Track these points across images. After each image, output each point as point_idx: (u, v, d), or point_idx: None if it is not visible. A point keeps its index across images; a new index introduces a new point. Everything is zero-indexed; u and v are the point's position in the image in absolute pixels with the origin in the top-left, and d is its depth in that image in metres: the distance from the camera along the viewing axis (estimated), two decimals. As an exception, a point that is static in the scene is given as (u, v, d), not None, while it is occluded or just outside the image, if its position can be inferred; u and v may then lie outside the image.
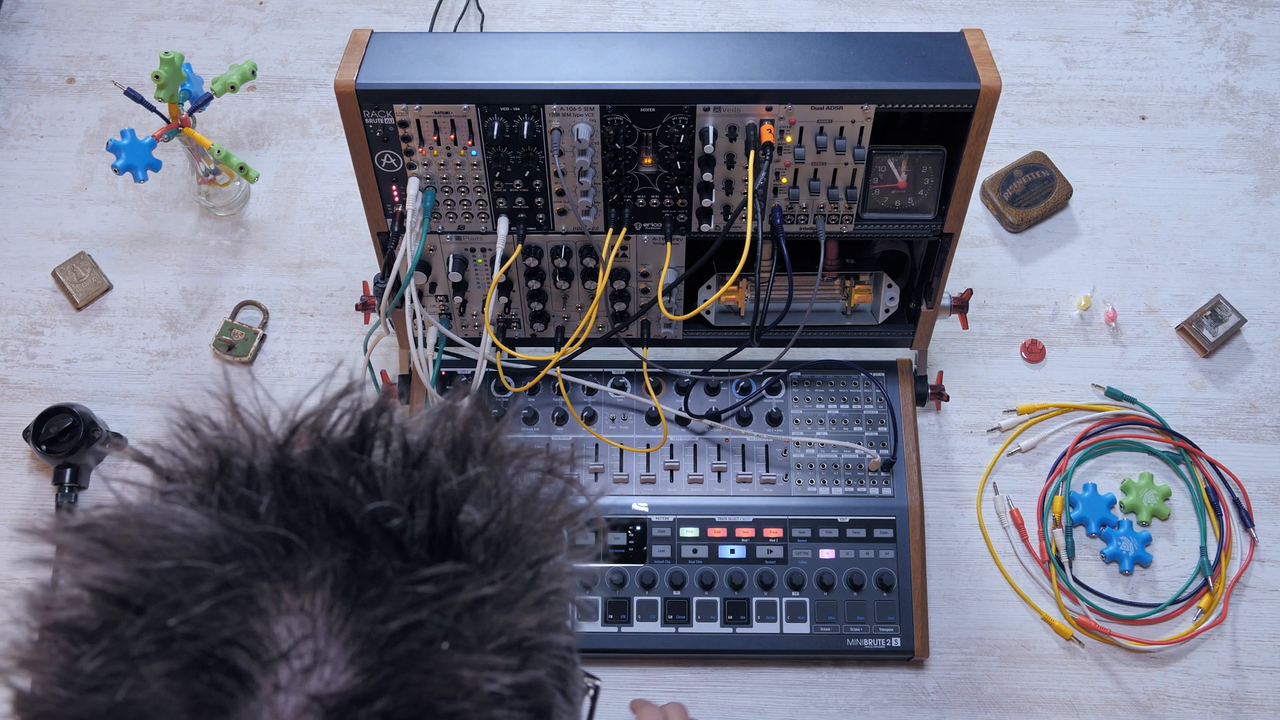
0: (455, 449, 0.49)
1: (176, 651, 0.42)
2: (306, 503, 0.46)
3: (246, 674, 0.42)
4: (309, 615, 0.43)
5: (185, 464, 0.48)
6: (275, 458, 0.47)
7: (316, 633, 0.43)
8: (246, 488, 0.46)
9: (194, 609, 0.42)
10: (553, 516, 0.51)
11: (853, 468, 1.14)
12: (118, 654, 0.42)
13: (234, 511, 0.45)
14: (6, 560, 1.15)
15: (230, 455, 0.47)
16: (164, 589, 0.43)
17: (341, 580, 0.44)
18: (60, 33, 1.45)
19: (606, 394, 1.16)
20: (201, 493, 0.47)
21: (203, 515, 0.45)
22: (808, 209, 1.01)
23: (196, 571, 0.43)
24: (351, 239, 1.31)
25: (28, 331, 1.26)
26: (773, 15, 1.47)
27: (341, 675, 0.42)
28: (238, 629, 0.42)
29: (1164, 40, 1.44)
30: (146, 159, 1.19)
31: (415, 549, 0.45)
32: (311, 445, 0.48)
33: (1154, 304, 1.27)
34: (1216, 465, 1.18)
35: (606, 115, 0.95)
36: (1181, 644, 1.10)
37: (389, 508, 0.46)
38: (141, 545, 0.45)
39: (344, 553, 0.45)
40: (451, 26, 1.45)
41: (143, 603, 0.43)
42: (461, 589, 0.45)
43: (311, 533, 0.45)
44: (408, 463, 0.48)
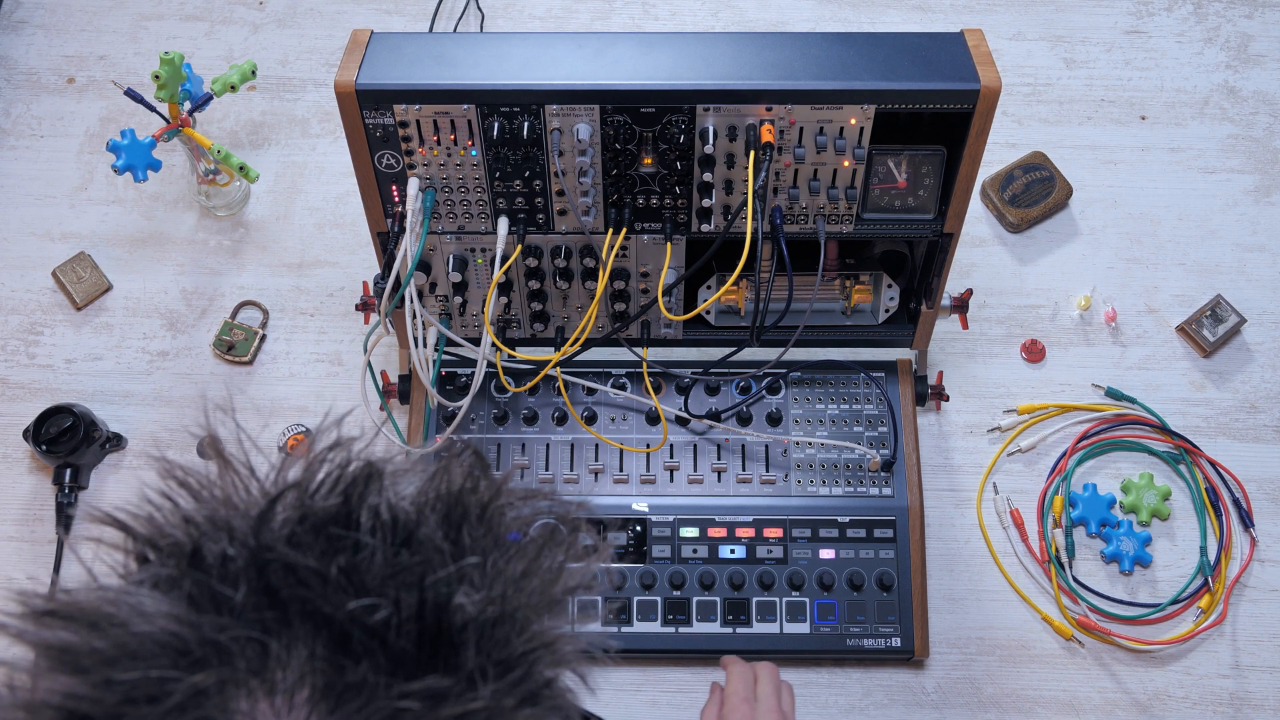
0: (449, 515, 0.47)
1: None
2: (284, 600, 0.43)
3: None
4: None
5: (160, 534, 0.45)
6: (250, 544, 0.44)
7: None
8: (221, 580, 0.43)
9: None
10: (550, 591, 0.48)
11: (853, 468, 1.14)
12: None
13: (207, 607, 0.42)
14: (7, 560, 1.15)
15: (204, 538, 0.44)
16: (126, 709, 0.40)
17: (320, 688, 0.41)
18: (60, 33, 1.45)
19: (606, 394, 1.16)
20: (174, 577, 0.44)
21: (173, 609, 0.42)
22: (808, 209, 1.02)
23: (163, 684, 0.40)
24: (351, 239, 1.31)
25: (28, 331, 1.26)
26: (773, 15, 1.47)
27: None
28: None
29: (1164, 40, 1.44)
30: (146, 159, 1.19)
31: (402, 644, 0.43)
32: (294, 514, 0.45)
33: (1154, 304, 1.27)
34: (1216, 465, 1.18)
35: (606, 115, 0.95)
36: (1181, 644, 1.10)
37: (372, 604, 0.43)
38: (105, 649, 0.41)
39: (323, 658, 0.42)
40: (451, 26, 1.45)
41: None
42: (445, 702, 0.42)
43: (289, 633, 0.42)
44: (396, 539, 0.45)
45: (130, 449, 1.20)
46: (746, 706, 0.93)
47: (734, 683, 0.96)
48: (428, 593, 0.44)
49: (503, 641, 0.45)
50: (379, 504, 0.46)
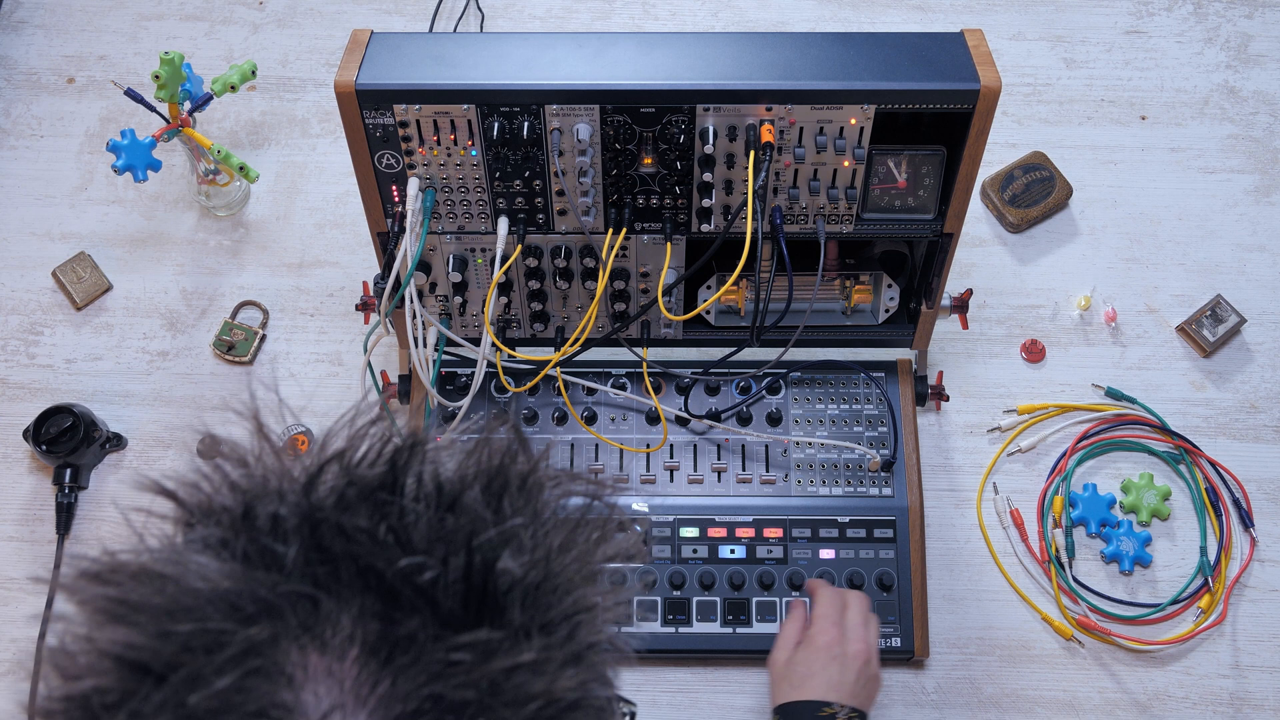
0: (490, 485, 0.47)
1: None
2: (335, 556, 0.43)
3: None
4: (337, 680, 0.41)
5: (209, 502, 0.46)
6: (302, 505, 0.45)
7: (345, 701, 0.41)
8: (272, 538, 0.44)
9: (216, 683, 0.40)
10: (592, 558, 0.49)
11: (853, 468, 1.14)
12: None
13: (258, 565, 0.43)
14: (7, 560, 1.15)
15: (255, 499, 0.45)
16: (184, 656, 0.41)
17: (371, 643, 0.42)
18: (60, 33, 1.45)
19: (606, 394, 1.16)
20: (225, 539, 0.44)
21: (225, 567, 0.43)
22: (808, 209, 1.01)
23: (219, 635, 0.41)
24: (351, 239, 1.31)
25: (28, 331, 1.26)
26: (773, 15, 1.47)
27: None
28: (264, 700, 0.40)
29: (1164, 40, 1.44)
30: (146, 159, 1.19)
31: (448, 603, 0.43)
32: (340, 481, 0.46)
33: (1154, 304, 1.27)
34: (1216, 465, 1.18)
35: (606, 115, 0.95)
36: (1181, 644, 1.10)
37: (421, 563, 0.43)
38: (160, 603, 0.42)
39: (374, 614, 0.42)
40: (451, 26, 1.45)
41: (162, 670, 0.41)
42: (494, 656, 0.43)
43: (340, 589, 0.43)
44: (441, 504, 0.46)
45: (130, 449, 1.20)
46: (836, 630, 0.91)
47: (823, 605, 0.94)
48: (475, 554, 0.44)
49: (546, 604, 0.45)
50: (423, 472, 0.47)
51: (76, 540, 1.16)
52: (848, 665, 0.91)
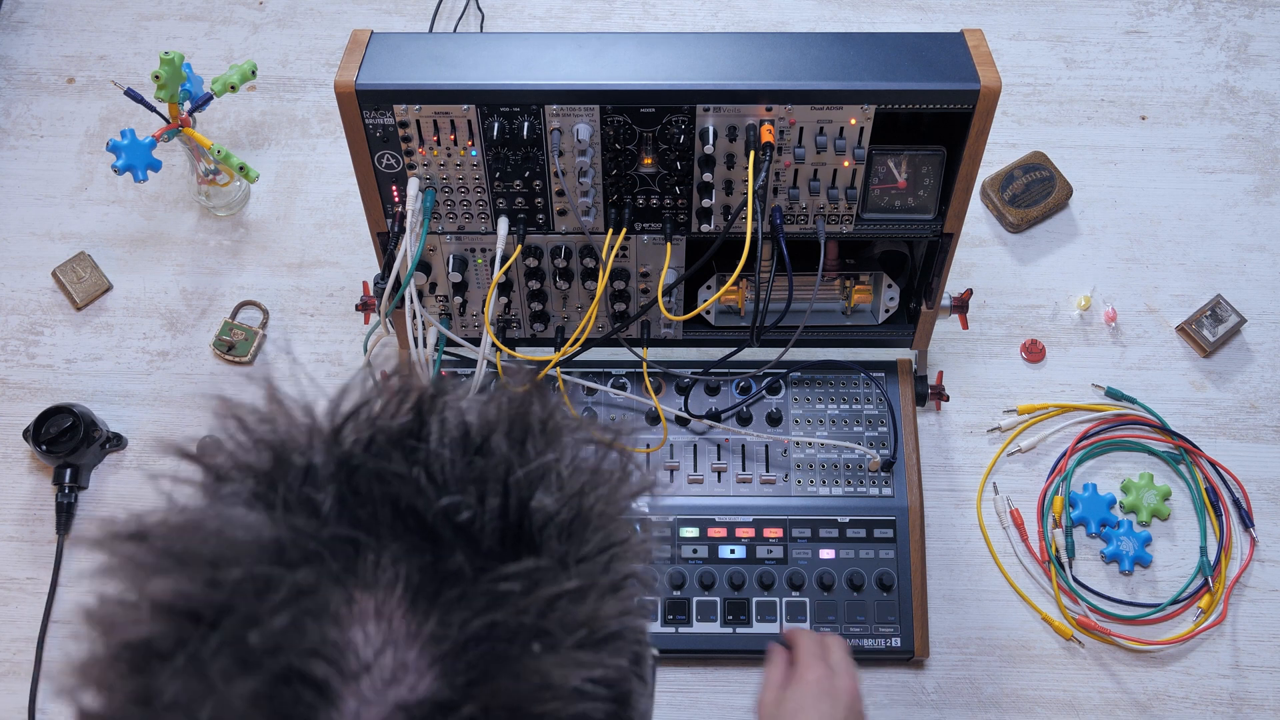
0: (513, 430, 0.48)
1: (257, 668, 0.40)
2: (372, 500, 0.44)
3: (328, 685, 0.40)
4: (386, 620, 0.41)
5: (236, 461, 0.46)
6: (334, 452, 0.45)
7: (396, 638, 0.41)
8: (308, 486, 0.44)
9: (272, 622, 0.40)
10: (619, 495, 0.49)
11: (853, 468, 1.14)
12: (196, 672, 0.40)
13: (297, 513, 0.43)
14: (7, 560, 1.15)
15: (286, 451, 0.45)
16: (236, 600, 0.41)
17: (417, 580, 0.42)
18: (60, 33, 1.45)
19: (606, 394, 1.16)
20: (259, 492, 0.44)
21: (265, 517, 0.43)
22: (808, 209, 1.01)
23: (268, 580, 0.41)
24: (351, 239, 1.31)
25: (28, 331, 1.26)
26: (773, 15, 1.47)
27: (424, 681, 0.41)
28: (317, 638, 0.41)
29: (1164, 40, 1.44)
30: (146, 159, 1.19)
31: (488, 541, 0.44)
32: (366, 433, 0.46)
33: (1154, 304, 1.27)
34: (1216, 465, 1.18)
35: (606, 115, 0.95)
36: (1181, 644, 1.10)
37: (459, 501, 0.44)
38: (205, 553, 0.42)
39: (416, 551, 0.43)
40: (451, 26, 1.45)
41: (216, 617, 0.41)
42: (540, 585, 0.43)
43: (380, 531, 0.43)
44: (468, 449, 0.46)
45: (130, 449, 1.20)
46: (823, 666, 0.90)
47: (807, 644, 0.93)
48: (510, 492, 0.45)
49: (581, 538, 0.46)
50: (446, 418, 0.47)
51: (75, 541, 1.16)
52: (838, 700, 0.90)
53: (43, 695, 1.09)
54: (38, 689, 1.09)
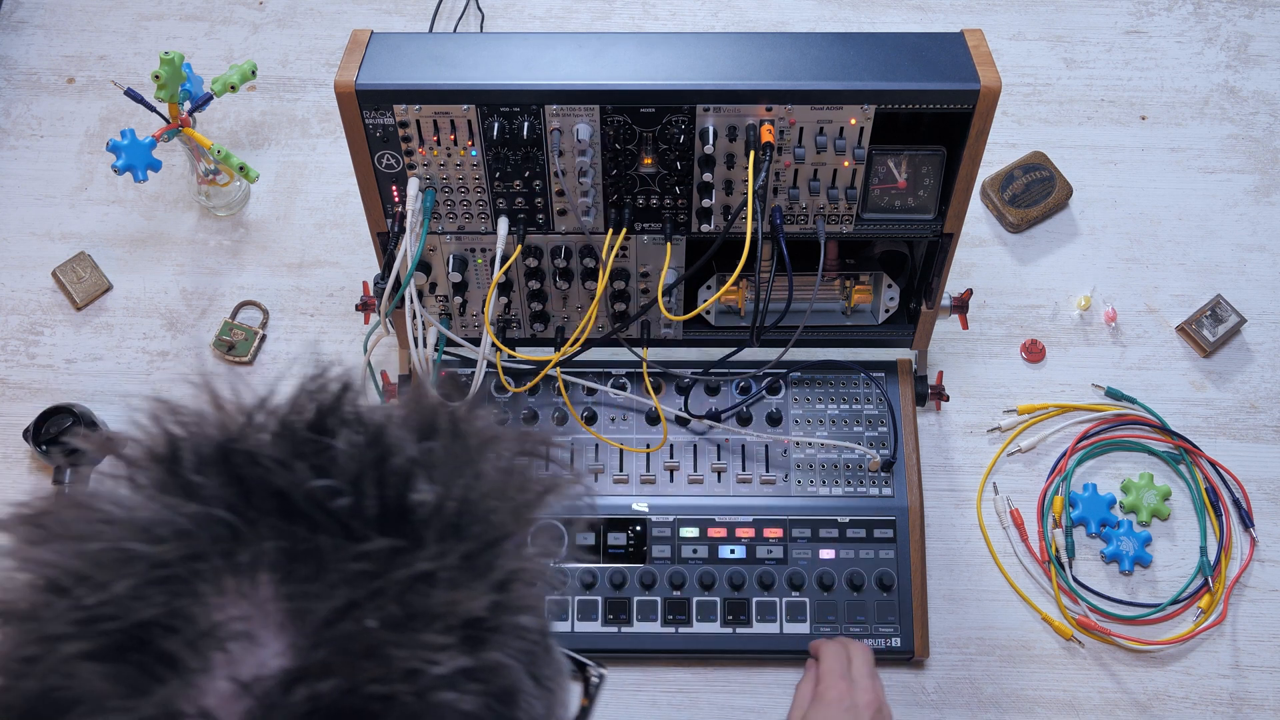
0: (420, 427, 0.48)
1: (94, 633, 0.41)
2: (248, 483, 0.44)
3: (174, 656, 0.41)
4: (246, 598, 0.42)
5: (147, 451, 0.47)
6: (219, 438, 0.46)
7: (251, 615, 0.42)
8: (194, 473, 0.45)
9: (117, 588, 0.41)
10: (521, 495, 0.49)
11: (853, 468, 1.13)
12: (38, 636, 0.42)
13: (174, 494, 0.44)
14: (6, 560, 1.15)
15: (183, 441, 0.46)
16: (92, 570, 0.42)
17: (281, 562, 0.43)
18: (60, 33, 1.45)
19: (606, 394, 1.16)
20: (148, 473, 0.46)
21: (142, 498, 0.45)
22: (808, 209, 1.02)
23: (128, 553, 0.42)
24: (351, 239, 1.31)
25: (28, 331, 1.26)
26: (773, 15, 1.47)
27: (275, 659, 0.41)
28: (163, 609, 0.41)
29: (1164, 40, 1.44)
30: (146, 159, 1.19)
31: (362, 530, 0.44)
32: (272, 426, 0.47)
33: (1154, 304, 1.27)
34: (1216, 465, 1.18)
35: (606, 115, 0.95)
36: (1181, 644, 1.10)
37: (333, 486, 0.44)
38: (78, 529, 0.44)
39: (286, 534, 0.43)
40: (451, 26, 1.45)
41: (70, 585, 0.42)
42: (395, 566, 0.43)
43: (251, 514, 0.44)
44: (366, 443, 0.46)
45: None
46: (844, 683, 0.94)
47: (828, 660, 0.97)
48: (388, 480, 0.45)
49: (462, 533, 0.46)
50: (350, 412, 0.48)
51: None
52: (860, 715, 0.93)
53: None
54: None
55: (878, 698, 0.95)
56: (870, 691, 0.94)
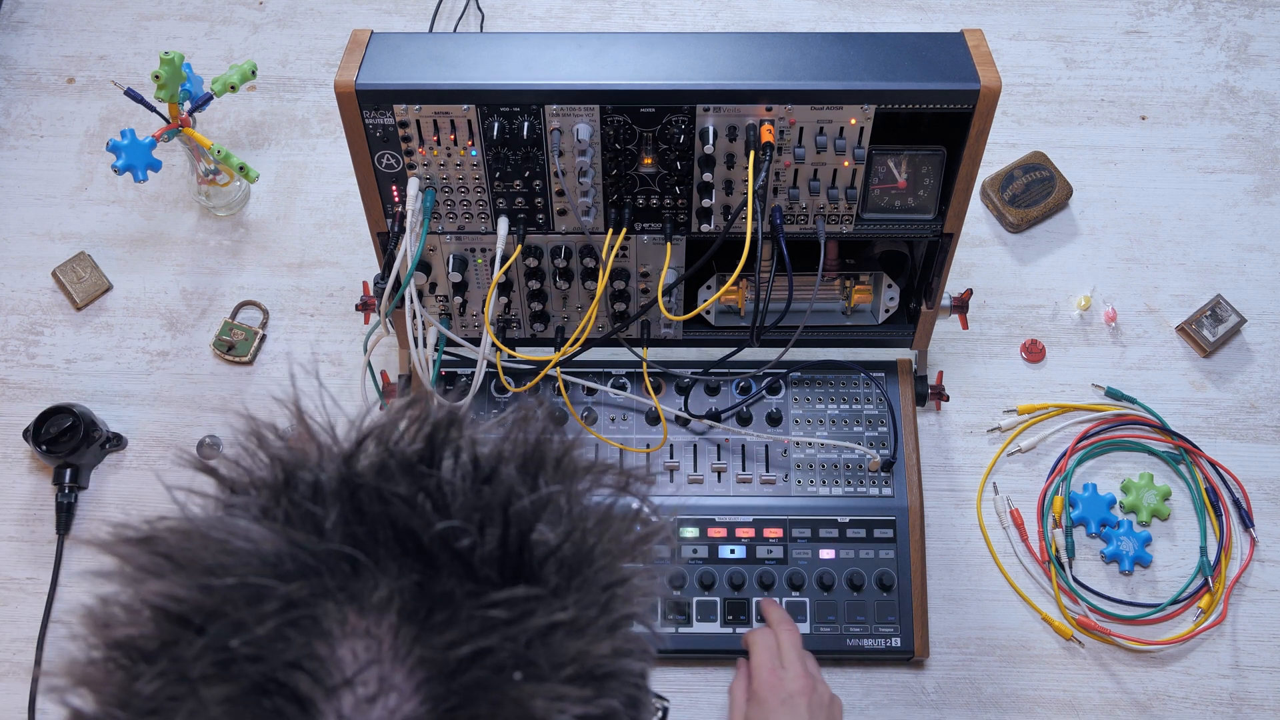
0: (526, 463, 0.48)
1: (237, 674, 0.40)
2: (373, 520, 0.44)
3: (309, 700, 0.40)
4: (375, 639, 0.41)
5: (250, 475, 0.47)
6: (342, 472, 0.45)
7: (382, 657, 0.41)
8: (312, 503, 0.44)
9: (257, 629, 0.41)
10: (627, 537, 0.49)
11: (853, 468, 1.13)
12: (176, 675, 0.41)
13: (299, 527, 0.44)
14: (7, 560, 1.15)
15: (296, 468, 0.46)
16: (226, 607, 0.42)
17: (409, 602, 0.42)
18: (60, 33, 1.45)
19: (606, 394, 1.16)
20: (266, 506, 0.45)
21: (267, 531, 0.44)
22: (808, 209, 1.01)
23: (260, 590, 0.42)
24: (351, 239, 1.31)
25: (28, 331, 1.26)
26: (773, 15, 1.47)
27: (407, 703, 0.41)
28: (302, 651, 0.41)
29: (1164, 40, 1.44)
30: (146, 159, 1.19)
31: (485, 570, 0.44)
32: (378, 458, 0.46)
33: (1154, 304, 1.27)
34: (1216, 465, 1.18)
35: (606, 115, 0.95)
36: (1181, 644, 1.10)
37: (459, 528, 0.44)
38: (204, 561, 0.43)
39: (412, 573, 0.43)
40: (451, 26, 1.45)
41: (204, 621, 0.41)
42: (534, 614, 0.43)
43: (378, 551, 0.43)
44: (478, 478, 0.46)
45: (130, 449, 1.20)
46: (774, 675, 0.94)
47: (757, 653, 0.98)
48: (511, 522, 0.45)
49: (581, 575, 0.46)
50: (460, 448, 0.47)
51: (75, 541, 1.16)
52: (796, 704, 0.93)
53: (43, 695, 1.09)
54: (38, 689, 1.09)
55: (811, 680, 0.94)
56: (802, 676, 0.94)
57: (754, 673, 0.97)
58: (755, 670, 0.97)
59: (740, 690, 0.98)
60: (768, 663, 0.97)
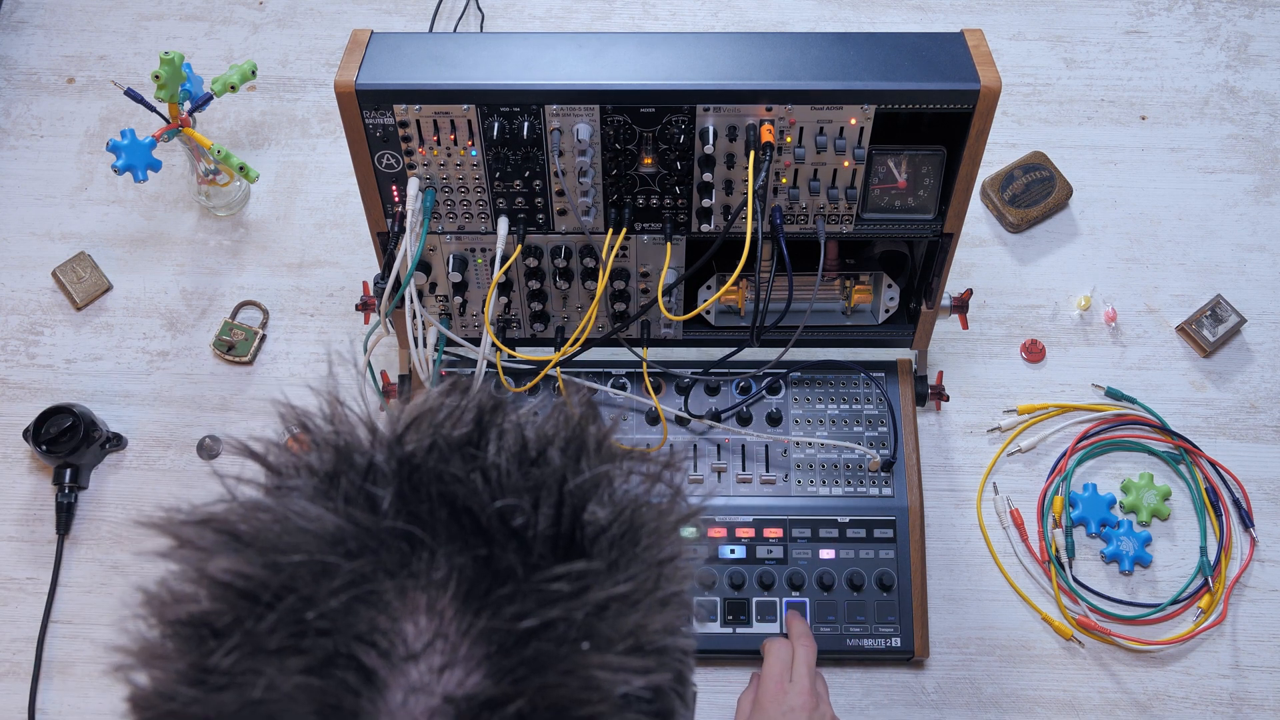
0: (569, 445, 0.49)
1: (310, 647, 0.41)
2: (430, 499, 0.45)
3: (375, 672, 0.41)
4: (438, 613, 0.42)
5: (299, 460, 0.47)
6: (396, 453, 0.46)
7: (447, 631, 0.42)
8: (369, 483, 0.45)
9: (329, 603, 0.42)
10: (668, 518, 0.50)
11: (853, 468, 1.13)
12: (251, 649, 0.41)
13: (358, 506, 0.44)
14: (7, 560, 1.15)
15: (349, 450, 0.46)
16: (295, 583, 0.42)
17: (470, 578, 0.43)
18: (60, 33, 1.45)
19: (606, 394, 1.16)
20: (321, 487, 0.46)
21: (326, 510, 0.44)
22: (808, 209, 1.01)
23: (326, 566, 0.42)
24: (351, 239, 1.31)
25: (28, 331, 1.26)
26: (773, 15, 1.47)
27: (473, 676, 0.41)
28: (369, 625, 0.41)
29: (1164, 40, 1.44)
30: (146, 159, 1.19)
31: (540, 547, 0.45)
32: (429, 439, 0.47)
33: (1154, 304, 1.27)
34: (1216, 465, 1.18)
35: (606, 115, 0.95)
36: (1181, 644, 1.10)
37: (514, 505, 0.45)
38: (268, 538, 0.44)
39: (470, 550, 0.44)
40: (451, 26, 1.45)
41: (273, 598, 0.42)
42: (592, 588, 0.44)
43: (436, 529, 0.44)
44: (525, 459, 0.47)
45: (130, 449, 1.20)
46: (780, 687, 0.96)
47: (769, 664, 1.00)
48: (564, 500, 0.46)
49: (631, 552, 0.47)
50: (505, 430, 0.48)
51: (75, 541, 1.16)
52: (796, 718, 0.95)
53: (42, 695, 1.09)
54: (38, 689, 1.09)
55: (815, 696, 0.96)
56: (807, 692, 0.96)
57: (762, 682, 0.99)
58: (764, 679, 0.99)
59: (747, 701, 0.99)
60: (777, 674, 0.98)
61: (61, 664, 1.11)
